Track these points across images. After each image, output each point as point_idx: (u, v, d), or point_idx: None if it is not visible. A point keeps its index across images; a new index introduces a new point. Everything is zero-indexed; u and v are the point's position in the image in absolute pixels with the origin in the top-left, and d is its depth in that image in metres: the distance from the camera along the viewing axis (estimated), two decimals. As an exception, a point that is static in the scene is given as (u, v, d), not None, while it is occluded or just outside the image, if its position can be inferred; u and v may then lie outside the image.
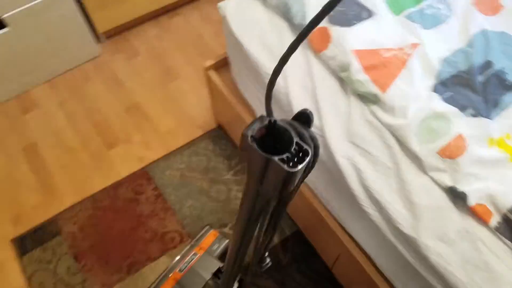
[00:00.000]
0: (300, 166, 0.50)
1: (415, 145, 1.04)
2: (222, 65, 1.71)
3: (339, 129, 1.16)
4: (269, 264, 0.96)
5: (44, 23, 2.03)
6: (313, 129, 1.17)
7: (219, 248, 1.65)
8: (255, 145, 0.52)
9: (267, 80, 0.55)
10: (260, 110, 1.50)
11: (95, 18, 2.23)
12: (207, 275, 1.53)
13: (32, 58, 2.13)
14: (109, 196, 1.89)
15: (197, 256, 1.62)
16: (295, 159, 0.51)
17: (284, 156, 0.50)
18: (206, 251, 1.64)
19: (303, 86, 1.24)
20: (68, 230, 1.81)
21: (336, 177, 1.18)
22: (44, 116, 2.16)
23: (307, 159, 0.51)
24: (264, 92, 0.56)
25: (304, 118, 0.58)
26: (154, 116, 2.13)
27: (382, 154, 1.09)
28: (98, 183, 1.93)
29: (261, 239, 0.77)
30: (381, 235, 1.11)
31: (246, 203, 0.68)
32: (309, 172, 0.59)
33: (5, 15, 1.91)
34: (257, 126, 0.53)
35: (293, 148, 0.51)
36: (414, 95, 1.10)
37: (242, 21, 1.41)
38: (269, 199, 0.65)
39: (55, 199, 1.90)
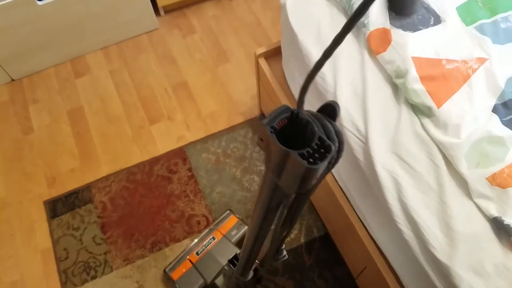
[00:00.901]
0: (320, 164, 0.46)
1: (464, 168, 0.97)
2: (274, 54, 1.66)
3: (385, 138, 1.09)
4: (285, 257, 0.93)
5: (107, -11, 2.05)
6: (356, 134, 1.12)
7: (237, 234, 1.63)
8: (274, 137, 0.48)
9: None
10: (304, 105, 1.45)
11: (157, -9, 2.24)
12: (223, 261, 1.51)
13: (92, 24, 2.16)
14: (144, 171, 1.90)
15: (214, 241, 1.61)
16: (316, 155, 0.47)
17: (305, 151, 0.46)
18: (224, 236, 1.63)
19: (353, 88, 1.18)
20: (99, 199, 1.84)
21: (373, 188, 1.12)
22: (94, 83, 2.19)
23: (330, 156, 0.47)
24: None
25: (329, 110, 0.54)
26: (198, 97, 2.12)
27: (426, 172, 1.02)
28: (136, 156, 1.95)
29: (278, 229, 0.73)
30: (412, 255, 1.05)
31: (263, 195, 0.65)
32: (332, 167, 0.55)
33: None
34: (278, 117, 0.49)
35: (315, 142, 0.47)
36: (472, 114, 1.03)
37: (302, 12, 1.36)
38: (287, 193, 0.61)
39: (91, 166, 1.93)
